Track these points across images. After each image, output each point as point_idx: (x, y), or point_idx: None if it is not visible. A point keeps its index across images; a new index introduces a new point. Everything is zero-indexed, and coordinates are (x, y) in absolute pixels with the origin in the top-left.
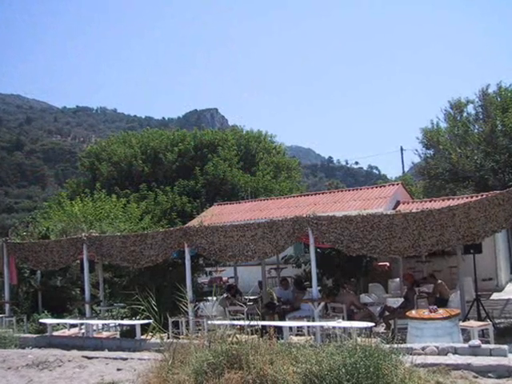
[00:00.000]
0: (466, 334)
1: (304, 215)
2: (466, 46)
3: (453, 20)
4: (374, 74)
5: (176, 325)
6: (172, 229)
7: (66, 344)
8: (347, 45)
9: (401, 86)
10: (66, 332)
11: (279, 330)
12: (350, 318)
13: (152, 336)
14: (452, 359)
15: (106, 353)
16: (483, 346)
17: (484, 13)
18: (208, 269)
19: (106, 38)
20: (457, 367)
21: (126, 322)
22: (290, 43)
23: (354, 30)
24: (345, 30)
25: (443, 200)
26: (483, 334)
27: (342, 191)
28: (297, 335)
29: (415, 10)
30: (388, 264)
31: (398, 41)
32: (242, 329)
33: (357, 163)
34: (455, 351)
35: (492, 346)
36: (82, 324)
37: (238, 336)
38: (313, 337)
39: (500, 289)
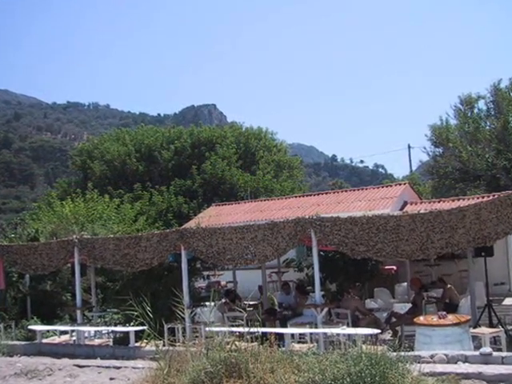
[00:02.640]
0: (477, 341)
1: (306, 216)
2: (477, 39)
3: (462, 12)
4: (379, 69)
5: (172, 331)
6: (168, 231)
7: (57, 352)
8: (352, 40)
9: (408, 80)
10: (57, 339)
11: (280, 336)
12: (355, 324)
13: (147, 343)
14: (462, 368)
15: (98, 361)
16: (495, 353)
17: (494, 5)
18: (206, 273)
19: (99, 31)
20: (467, 376)
21: (119, 328)
22: (292, 38)
23: (359, 25)
24: (350, 25)
25: (453, 200)
26: (495, 342)
27: (346, 191)
28: (299, 342)
29: (421, 3)
30: (395, 268)
31: (404, 36)
32: (241, 336)
33: (362, 162)
34: (465, 359)
35: (504, 353)
36: (73, 331)
37: (237, 343)
38: (316, 344)
39: None
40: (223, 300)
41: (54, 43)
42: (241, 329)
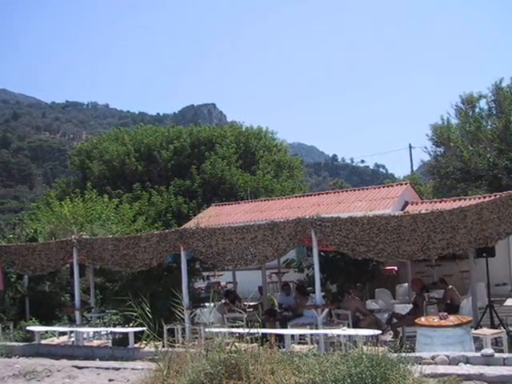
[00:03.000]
0: (479, 343)
1: (307, 216)
2: (477, 39)
3: (462, 12)
4: (379, 69)
5: (171, 332)
6: (167, 231)
7: (55, 353)
8: (352, 40)
9: (409, 79)
10: (55, 340)
11: (280, 338)
12: (356, 325)
13: (146, 344)
14: (463, 369)
15: (97, 362)
16: (496, 354)
17: (494, 5)
18: (205, 273)
19: (98, 31)
20: (469, 377)
21: (118, 329)
22: (292, 38)
23: (359, 25)
24: (350, 25)
25: (454, 200)
26: (496, 343)
27: (346, 191)
28: (299, 343)
29: (421, 3)
30: (396, 268)
31: (404, 36)
32: (241, 337)
33: (362, 161)
34: (467, 360)
35: (506, 354)
36: (71, 332)
37: (236, 344)
38: (316, 345)
39: None
40: (223, 301)
41: (53, 42)
42: (241, 330)
